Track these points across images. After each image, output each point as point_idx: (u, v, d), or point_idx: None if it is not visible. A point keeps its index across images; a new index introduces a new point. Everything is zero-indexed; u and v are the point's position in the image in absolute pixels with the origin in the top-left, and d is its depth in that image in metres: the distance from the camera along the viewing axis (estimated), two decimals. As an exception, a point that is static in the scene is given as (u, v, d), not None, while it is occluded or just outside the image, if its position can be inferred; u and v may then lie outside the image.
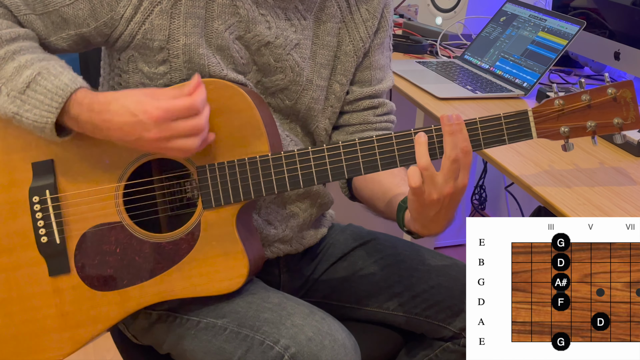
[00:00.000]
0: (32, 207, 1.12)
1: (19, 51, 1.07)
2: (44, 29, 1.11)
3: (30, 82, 1.04)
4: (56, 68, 1.05)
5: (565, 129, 1.09)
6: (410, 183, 1.03)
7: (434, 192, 1.03)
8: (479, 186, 2.87)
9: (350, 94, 1.30)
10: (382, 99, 1.33)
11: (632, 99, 1.09)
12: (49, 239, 1.13)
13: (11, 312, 1.14)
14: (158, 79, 1.14)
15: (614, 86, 1.08)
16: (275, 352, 1.06)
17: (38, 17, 1.10)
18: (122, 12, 1.09)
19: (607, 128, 1.09)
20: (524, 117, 1.08)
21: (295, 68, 1.20)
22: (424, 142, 1.05)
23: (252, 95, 1.11)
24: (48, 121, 1.03)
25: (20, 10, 1.09)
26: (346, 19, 1.25)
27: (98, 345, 1.28)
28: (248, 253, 1.12)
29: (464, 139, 1.04)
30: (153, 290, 1.13)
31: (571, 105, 1.09)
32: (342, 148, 1.09)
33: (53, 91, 1.03)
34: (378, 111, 1.32)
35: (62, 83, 1.03)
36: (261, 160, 1.10)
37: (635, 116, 1.09)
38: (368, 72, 1.29)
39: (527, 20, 1.90)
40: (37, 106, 1.03)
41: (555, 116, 1.09)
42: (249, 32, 1.15)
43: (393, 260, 1.34)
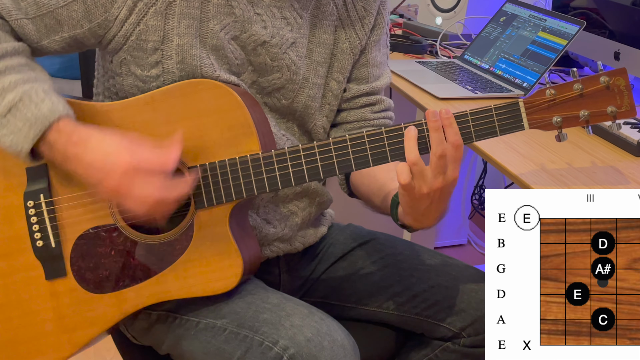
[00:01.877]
0: (27, 211, 1.13)
1: (4, 71, 1.06)
2: (35, 33, 1.11)
3: (12, 108, 1.04)
4: (39, 94, 1.05)
5: (558, 119, 1.07)
6: (399, 180, 1.03)
7: (424, 186, 1.03)
8: (479, 186, 2.87)
9: (347, 92, 1.30)
10: (380, 96, 1.33)
11: (625, 87, 1.06)
12: (44, 243, 1.13)
13: (9, 317, 1.14)
14: (151, 82, 1.13)
15: (607, 74, 1.06)
16: (274, 352, 1.06)
17: (30, 21, 1.09)
18: (117, 13, 1.09)
19: (600, 117, 1.07)
20: (515, 107, 1.08)
21: (292, 67, 1.20)
22: (414, 136, 1.04)
23: (242, 95, 1.11)
24: (23, 149, 1.04)
25: (11, 14, 1.09)
26: (342, 17, 1.25)
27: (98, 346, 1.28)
28: (242, 252, 1.12)
29: (454, 133, 1.03)
30: (149, 292, 1.13)
31: (563, 94, 1.07)
32: (333, 144, 1.09)
33: (32, 120, 1.03)
34: (375, 108, 1.32)
35: (41, 114, 1.03)
36: (252, 159, 1.10)
37: (629, 104, 1.07)
38: (365, 70, 1.29)
39: (527, 20, 1.90)
40: (14, 132, 1.04)
41: (546, 106, 1.07)
42: (245, 32, 1.15)
43: (393, 260, 1.34)
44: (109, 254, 1.13)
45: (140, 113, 1.11)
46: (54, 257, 1.14)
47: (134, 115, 1.11)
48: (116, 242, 1.13)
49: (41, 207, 1.13)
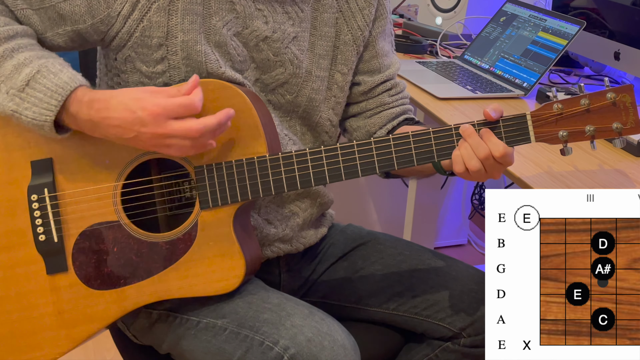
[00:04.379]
0: (31, 205, 1.13)
1: (18, 49, 1.06)
2: (40, 24, 1.11)
3: (30, 80, 1.04)
4: (55, 66, 1.05)
5: (564, 133, 1.08)
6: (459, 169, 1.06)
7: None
8: (479, 186, 2.87)
9: (362, 85, 1.31)
10: (394, 80, 1.35)
11: (631, 104, 1.07)
12: (46, 237, 1.13)
13: (8, 310, 1.14)
14: (157, 78, 1.14)
15: (613, 91, 1.07)
16: (274, 352, 1.06)
17: (35, 12, 1.10)
18: (119, 9, 1.09)
19: (606, 132, 1.08)
20: (523, 121, 1.08)
21: (294, 61, 1.20)
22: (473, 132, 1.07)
23: (250, 96, 1.11)
24: (47, 119, 1.03)
25: (17, 5, 1.10)
26: (343, 9, 1.26)
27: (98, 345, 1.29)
28: (245, 253, 1.12)
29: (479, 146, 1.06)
30: (150, 290, 1.13)
31: (570, 109, 1.08)
32: (340, 149, 1.09)
33: (52, 89, 1.03)
34: (392, 92, 1.34)
35: (62, 81, 1.03)
36: (259, 161, 1.10)
37: (634, 121, 1.08)
38: (376, 61, 1.31)
39: (527, 20, 1.90)
40: (36, 104, 1.03)
41: (553, 120, 1.08)
42: (247, 27, 1.15)
43: (393, 260, 1.34)
44: (111, 251, 1.13)
45: None
46: (56, 251, 1.13)
47: None
48: (119, 239, 1.13)
49: (45, 201, 1.13)
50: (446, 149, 1.08)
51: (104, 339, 1.24)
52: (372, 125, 1.32)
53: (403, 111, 1.33)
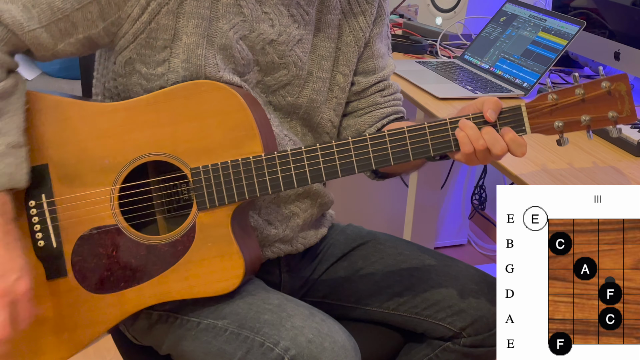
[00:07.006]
0: (29, 211, 1.13)
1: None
2: (50, 40, 1.10)
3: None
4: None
5: (559, 124, 1.08)
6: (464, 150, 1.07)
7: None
8: (479, 186, 2.87)
9: (356, 85, 1.31)
10: (388, 81, 1.35)
11: (626, 92, 1.07)
12: (45, 243, 1.13)
13: None
14: (155, 80, 1.13)
15: (608, 79, 1.07)
16: (275, 354, 1.06)
17: (44, 29, 1.08)
18: (130, 11, 1.09)
19: (601, 122, 1.07)
20: (518, 112, 1.08)
21: (298, 63, 1.21)
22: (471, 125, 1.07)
23: (245, 97, 1.11)
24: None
25: (23, 27, 1.07)
26: (345, 10, 1.26)
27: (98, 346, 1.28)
28: (244, 254, 1.12)
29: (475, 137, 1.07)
30: (150, 292, 1.13)
31: (565, 99, 1.08)
32: (335, 147, 1.09)
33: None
34: (385, 92, 1.34)
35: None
36: (254, 160, 1.10)
37: (630, 109, 1.07)
38: (371, 62, 1.31)
39: (527, 21, 1.90)
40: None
41: (548, 111, 1.08)
42: (253, 31, 1.15)
43: (393, 260, 1.34)
44: (110, 254, 1.13)
45: (143, 113, 1.11)
46: (55, 256, 1.13)
47: (137, 115, 1.12)
48: (117, 242, 1.13)
49: (42, 207, 1.13)
50: (441, 142, 1.08)
51: (104, 339, 1.24)
52: (361, 124, 1.32)
53: (394, 112, 1.34)
